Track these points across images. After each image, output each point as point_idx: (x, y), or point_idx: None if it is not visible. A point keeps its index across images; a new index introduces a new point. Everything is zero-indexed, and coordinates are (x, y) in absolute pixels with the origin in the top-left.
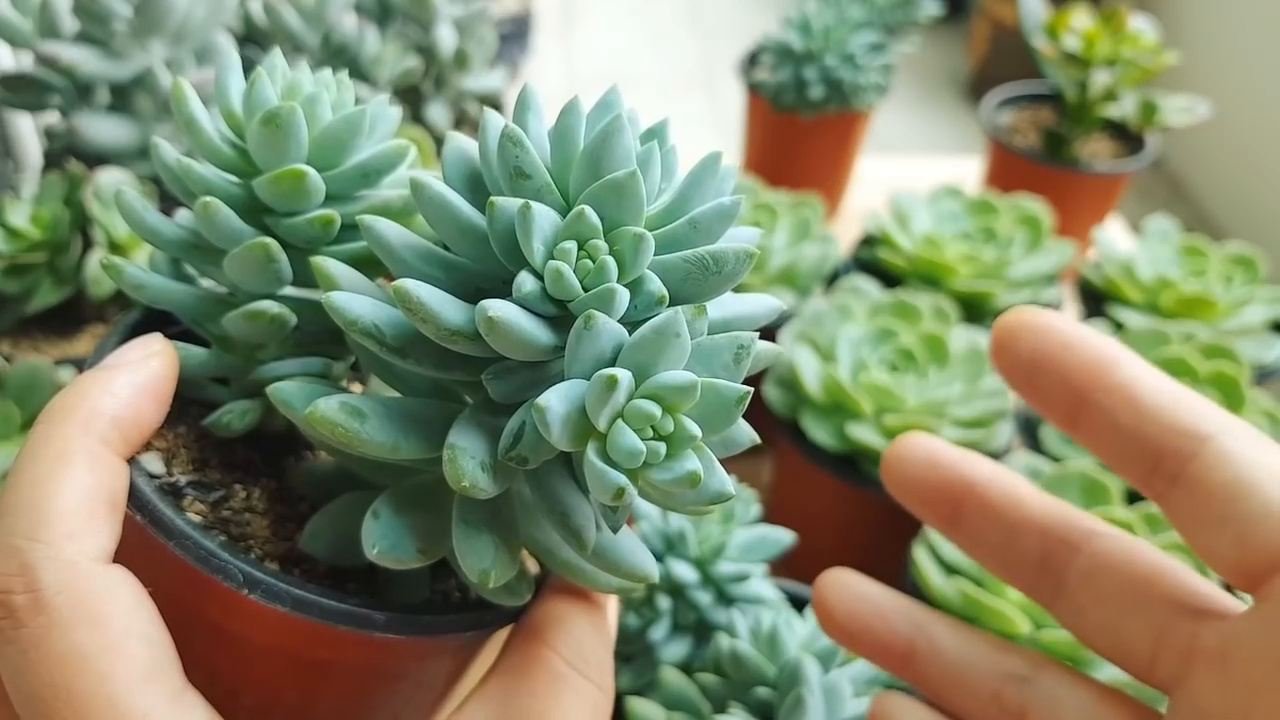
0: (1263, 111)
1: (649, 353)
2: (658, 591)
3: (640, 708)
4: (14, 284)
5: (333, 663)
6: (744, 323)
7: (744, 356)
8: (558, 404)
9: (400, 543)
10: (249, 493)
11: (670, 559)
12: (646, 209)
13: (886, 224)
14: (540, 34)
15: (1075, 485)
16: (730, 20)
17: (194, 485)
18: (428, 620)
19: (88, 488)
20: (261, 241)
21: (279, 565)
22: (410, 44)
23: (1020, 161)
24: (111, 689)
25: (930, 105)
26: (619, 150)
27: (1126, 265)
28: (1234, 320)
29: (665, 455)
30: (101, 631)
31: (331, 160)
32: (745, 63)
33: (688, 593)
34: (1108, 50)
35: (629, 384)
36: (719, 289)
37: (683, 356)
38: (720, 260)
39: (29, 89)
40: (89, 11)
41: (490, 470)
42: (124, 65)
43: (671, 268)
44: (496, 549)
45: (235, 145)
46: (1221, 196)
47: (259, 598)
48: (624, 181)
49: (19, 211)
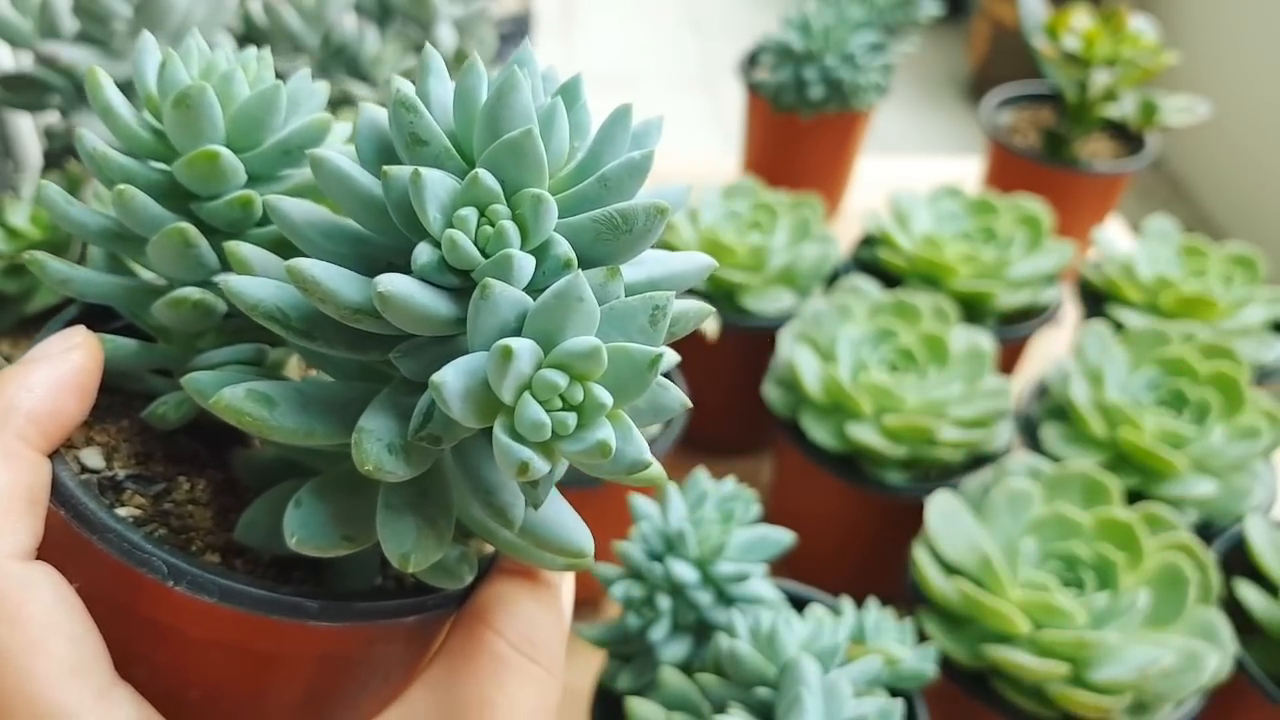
0: (1262, 112)
1: (553, 320)
2: (658, 591)
3: (640, 708)
4: (14, 284)
5: (274, 654)
6: (671, 282)
7: (660, 318)
8: (455, 379)
9: (321, 530)
10: (193, 484)
11: (670, 559)
12: (560, 169)
13: (886, 224)
14: (540, 34)
15: (1076, 486)
16: (730, 20)
17: (134, 479)
18: (362, 606)
19: (4, 485)
20: (177, 227)
21: (220, 557)
22: (410, 44)
23: (1020, 161)
24: (33, 686)
25: (930, 105)
26: (516, 108)
27: (1126, 265)
28: (1234, 320)
29: (576, 426)
30: (21, 629)
31: (250, 140)
32: (745, 63)
33: (687, 593)
34: (1108, 50)
35: (531, 354)
36: (633, 248)
37: (590, 322)
38: (629, 218)
39: (29, 89)
40: (89, 11)
41: (400, 452)
42: (124, 65)
43: (580, 229)
44: (419, 531)
45: (154, 129)
46: (1221, 197)
47: (185, 589)
48: (520, 141)
49: (19, 211)
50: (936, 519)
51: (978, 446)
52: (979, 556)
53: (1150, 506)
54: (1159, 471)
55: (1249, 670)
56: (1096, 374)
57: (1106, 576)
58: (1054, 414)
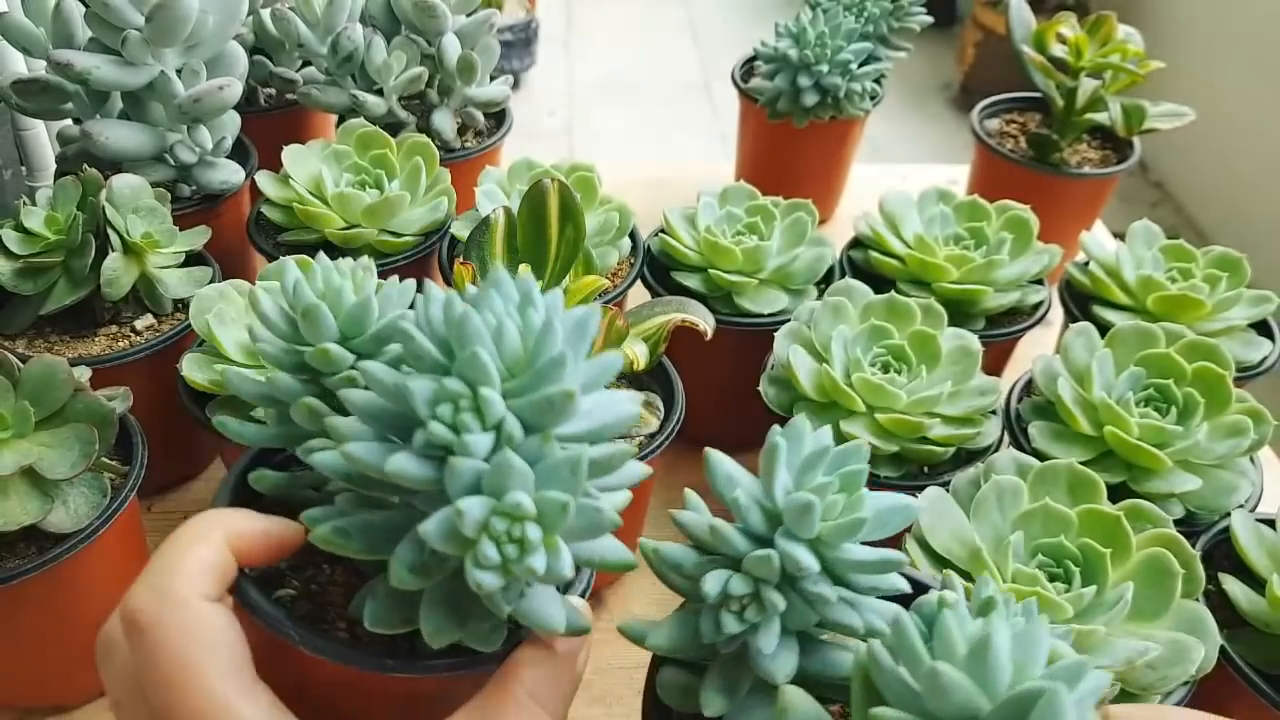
0: (1244, 118)
1: (498, 481)
2: (763, 585)
3: None
4: (30, 285)
5: (371, 691)
6: (598, 434)
7: (578, 470)
8: (434, 526)
9: (386, 616)
10: (333, 570)
11: (785, 541)
12: (512, 363)
13: (877, 226)
14: (543, 43)
15: (1062, 481)
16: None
17: (292, 569)
18: (425, 664)
19: (205, 560)
20: (305, 402)
21: (347, 624)
22: (416, 53)
23: (1008, 166)
24: (204, 680)
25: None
26: (470, 330)
27: (1112, 267)
28: (1219, 321)
29: (519, 554)
30: (197, 642)
31: (356, 331)
32: (740, 71)
33: (806, 587)
34: (1095, 58)
35: (484, 506)
36: (560, 419)
37: (525, 481)
38: (552, 400)
39: (43, 95)
40: (102, 20)
41: (419, 569)
42: (137, 73)
43: (523, 408)
44: (444, 618)
45: (293, 326)
46: (1205, 201)
47: (308, 650)
48: (472, 357)
49: (34, 215)
50: (926, 513)
51: (967, 443)
52: (969, 549)
53: (1136, 503)
54: (1145, 468)
55: (1235, 662)
56: (1083, 373)
57: (1093, 570)
58: (1041, 412)
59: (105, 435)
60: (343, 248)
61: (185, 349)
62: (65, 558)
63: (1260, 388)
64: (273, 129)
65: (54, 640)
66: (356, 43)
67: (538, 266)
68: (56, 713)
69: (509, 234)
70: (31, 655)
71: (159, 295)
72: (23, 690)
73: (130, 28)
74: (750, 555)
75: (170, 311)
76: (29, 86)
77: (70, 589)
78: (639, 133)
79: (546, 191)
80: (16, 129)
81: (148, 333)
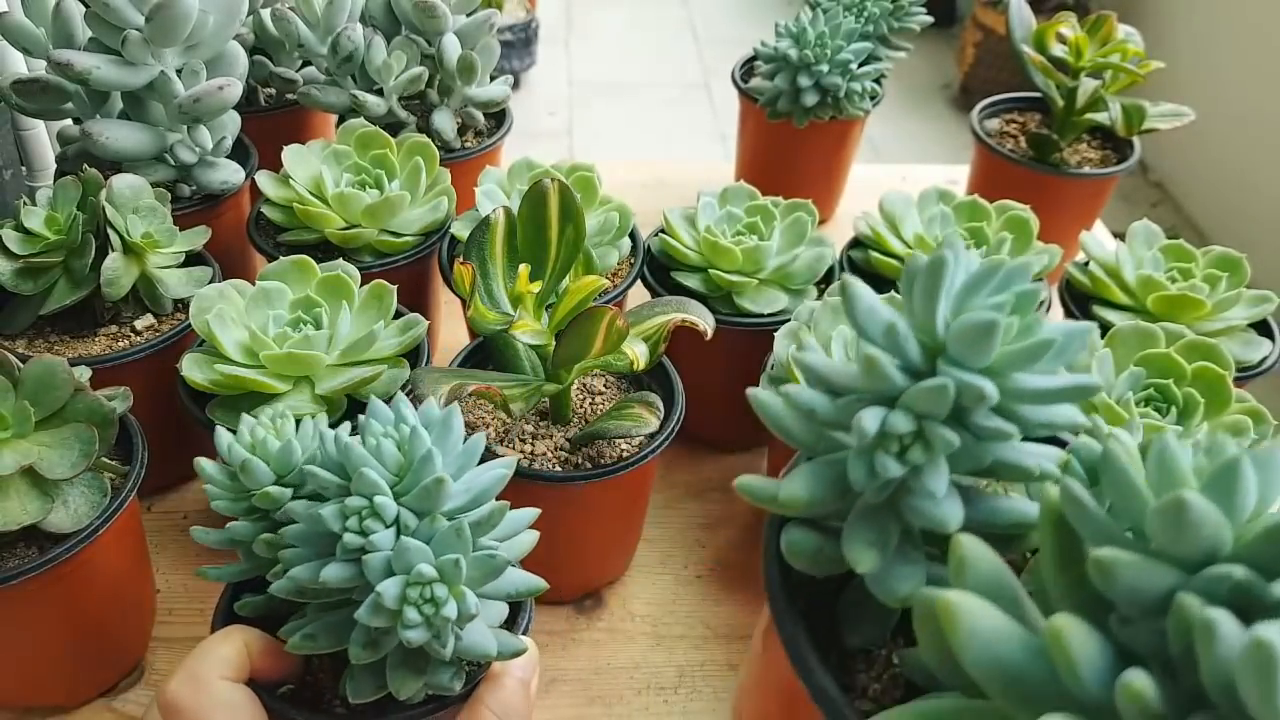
0: (1244, 118)
1: (403, 561)
2: (927, 422)
3: (983, 613)
4: (30, 285)
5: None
6: (483, 496)
7: (462, 533)
8: (365, 611)
9: (363, 688)
10: (321, 660)
11: (950, 368)
12: (402, 477)
13: (877, 226)
14: (543, 43)
15: None
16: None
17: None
18: (404, 714)
19: (226, 656)
20: (263, 539)
21: (341, 700)
22: (416, 53)
23: (1008, 166)
24: None
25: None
26: (355, 456)
27: (1112, 267)
28: (1219, 321)
29: (434, 610)
30: (223, 710)
31: (286, 469)
32: (740, 71)
33: (975, 421)
34: (1095, 58)
35: (395, 587)
36: (441, 500)
37: (424, 554)
38: (429, 489)
39: (43, 95)
40: (102, 20)
41: (370, 645)
42: (137, 73)
43: (412, 500)
44: (407, 675)
45: (234, 475)
46: (1204, 201)
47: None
48: (361, 476)
49: (34, 215)
50: None
51: None
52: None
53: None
54: None
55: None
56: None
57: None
58: None
59: (105, 435)
60: (342, 248)
61: (185, 349)
62: (65, 558)
63: (1260, 388)
64: (273, 129)
65: (54, 641)
66: (357, 43)
67: (537, 267)
68: (57, 713)
69: (509, 234)
70: (31, 656)
71: (159, 295)
72: (23, 690)
73: (130, 27)
74: (916, 387)
75: (170, 311)
76: (29, 86)
77: (70, 589)
78: (639, 133)
79: (546, 192)
80: (17, 129)
81: (148, 333)
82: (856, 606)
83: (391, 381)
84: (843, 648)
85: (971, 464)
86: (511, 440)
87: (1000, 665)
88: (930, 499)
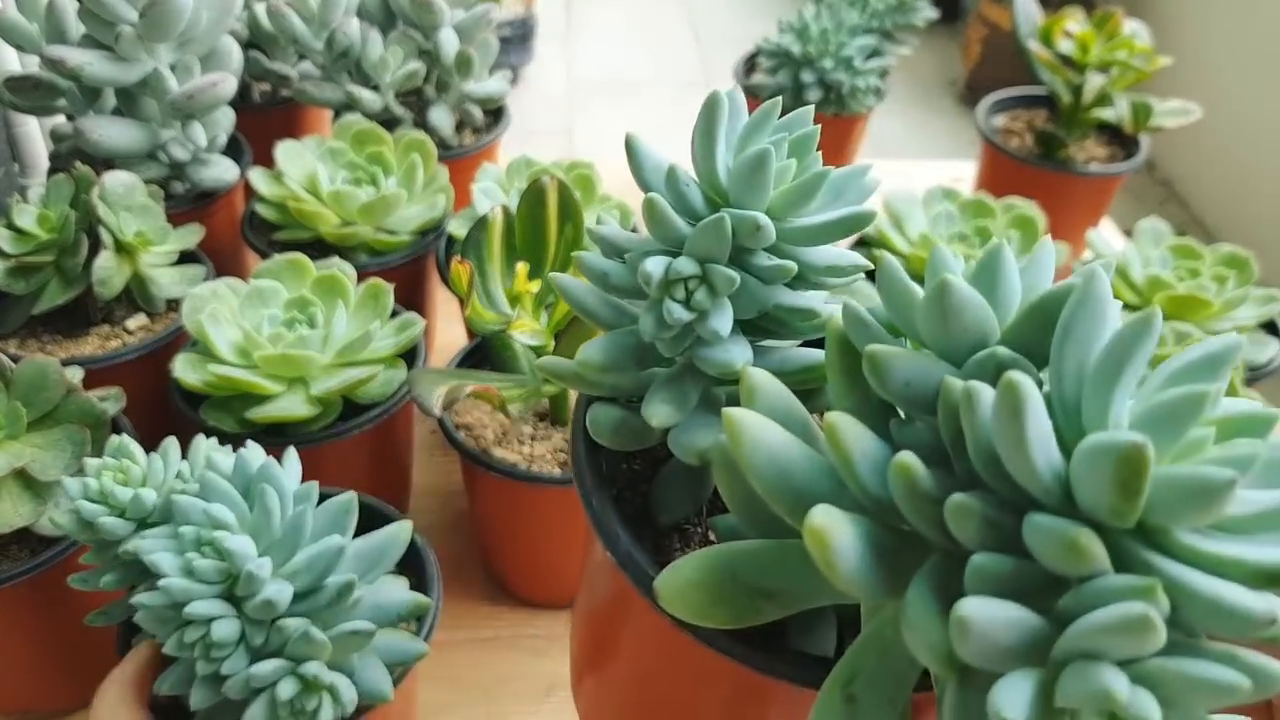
0: (1252, 115)
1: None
2: (710, 265)
3: (758, 425)
4: (21, 284)
5: None
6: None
7: (346, 596)
8: (257, 712)
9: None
10: None
11: (731, 210)
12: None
13: (882, 224)
14: (541, 38)
15: None
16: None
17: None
18: None
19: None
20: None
21: None
22: (413, 48)
23: (1014, 164)
24: None
25: (925, 109)
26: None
27: (1120, 266)
28: (1227, 320)
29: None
30: None
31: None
32: (742, 66)
33: (756, 262)
34: (1102, 54)
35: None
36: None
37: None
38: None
39: (36, 92)
40: (95, 16)
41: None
42: (130, 69)
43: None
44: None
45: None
46: (1212, 199)
47: None
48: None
49: (26, 213)
50: None
51: None
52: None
53: None
54: None
55: None
56: None
57: None
58: None
59: (98, 437)
60: (338, 246)
61: (178, 349)
62: (58, 560)
63: (1268, 387)
64: (267, 125)
65: (48, 644)
66: (352, 38)
67: (536, 266)
68: (52, 718)
69: (507, 233)
70: (25, 659)
71: (152, 294)
72: (17, 694)
73: (123, 23)
74: (696, 228)
75: (163, 311)
76: (22, 83)
77: (63, 592)
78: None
79: (545, 190)
80: (9, 126)
81: (140, 332)
82: (668, 486)
83: (388, 382)
84: (658, 528)
85: (756, 307)
86: (510, 442)
87: (783, 475)
88: (718, 342)
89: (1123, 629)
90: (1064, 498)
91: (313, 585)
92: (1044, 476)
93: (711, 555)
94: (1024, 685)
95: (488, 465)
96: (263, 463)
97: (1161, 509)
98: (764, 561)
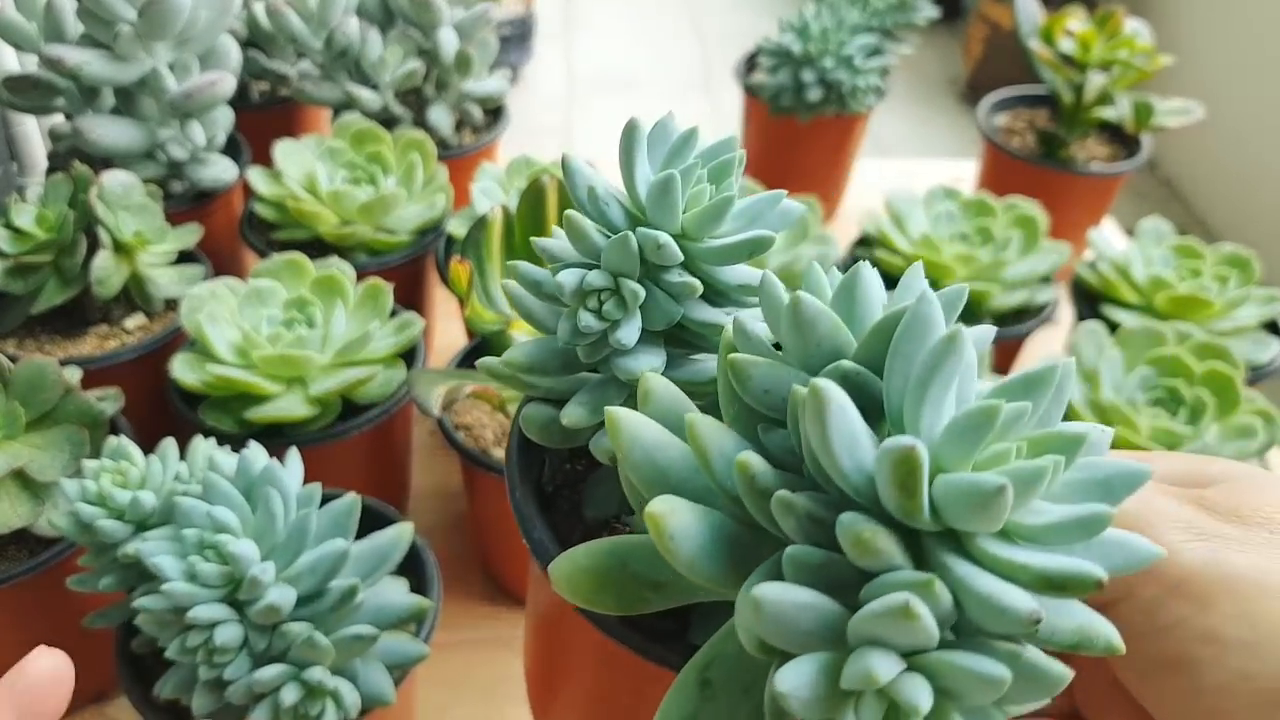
0: (1254, 114)
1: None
2: (622, 279)
3: (637, 423)
4: (20, 284)
5: None
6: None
7: (348, 600)
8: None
9: None
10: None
11: (643, 229)
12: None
13: (884, 224)
14: (541, 37)
15: None
16: (729, 25)
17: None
18: None
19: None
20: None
21: None
22: (412, 47)
23: (1016, 163)
24: None
25: (926, 108)
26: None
27: (1121, 266)
28: (1228, 320)
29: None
30: None
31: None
32: (743, 66)
33: (665, 279)
34: (1103, 53)
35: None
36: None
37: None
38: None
39: (34, 91)
40: (94, 15)
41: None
42: (129, 68)
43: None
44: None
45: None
46: (1214, 199)
47: None
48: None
49: (24, 212)
50: None
51: None
52: None
53: None
54: None
55: None
56: (1092, 374)
57: None
58: None
59: (96, 437)
60: (336, 246)
61: (176, 349)
62: (56, 561)
63: (1270, 388)
64: (266, 125)
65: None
66: (351, 37)
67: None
68: None
69: (506, 232)
70: None
71: (150, 294)
72: None
73: (122, 22)
74: (608, 243)
75: (161, 310)
76: (20, 83)
77: (62, 593)
78: None
79: (545, 189)
80: (7, 125)
81: (139, 332)
82: (597, 484)
83: (387, 382)
84: (588, 525)
85: (665, 319)
86: None
87: (659, 470)
88: (630, 351)
89: (890, 616)
90: (874, 498)
91: (316, 589)
92: (852, 477)
93: (606, 544)
94: (809, 666)
95: (487, 466)
96: (266, 465)
97: (951, 512)
98: (652, 553)
